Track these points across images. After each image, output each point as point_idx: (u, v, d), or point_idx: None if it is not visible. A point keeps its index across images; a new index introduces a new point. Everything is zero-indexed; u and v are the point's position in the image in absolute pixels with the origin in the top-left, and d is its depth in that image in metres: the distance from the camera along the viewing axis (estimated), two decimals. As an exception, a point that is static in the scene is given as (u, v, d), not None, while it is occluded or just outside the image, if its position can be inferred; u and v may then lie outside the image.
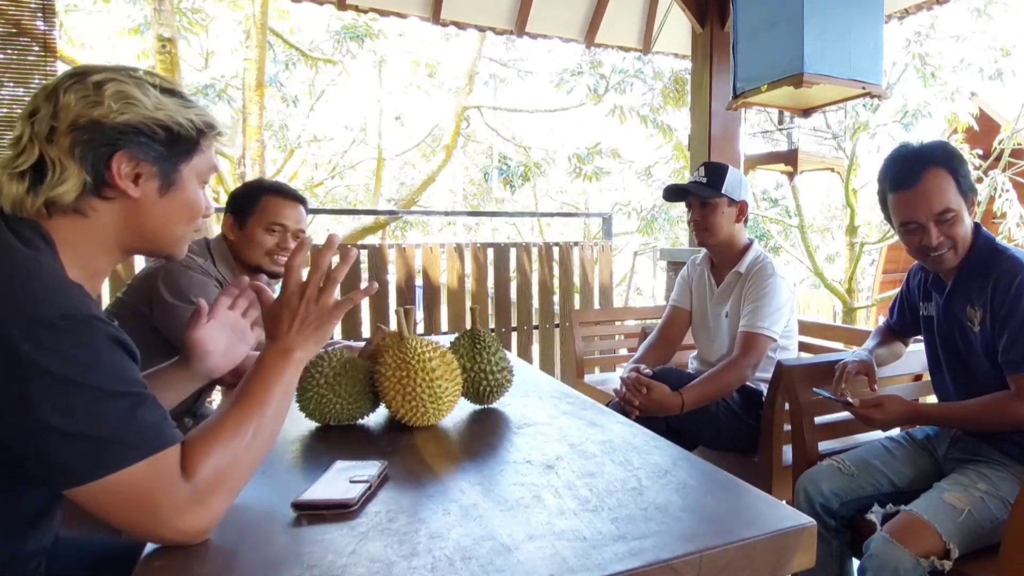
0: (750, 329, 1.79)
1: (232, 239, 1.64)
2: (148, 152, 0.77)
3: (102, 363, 0.67)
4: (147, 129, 0.76)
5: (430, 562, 0.67)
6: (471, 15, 3.62)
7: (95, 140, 0.74)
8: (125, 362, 0.70)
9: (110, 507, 0.67)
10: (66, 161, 0.73)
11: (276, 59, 8.38)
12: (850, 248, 8.00)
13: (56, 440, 0.64)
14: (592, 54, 8.45)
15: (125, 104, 0.75)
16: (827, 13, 2.18)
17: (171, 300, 1.46)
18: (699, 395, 1.74)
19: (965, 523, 1.20)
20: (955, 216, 1.32)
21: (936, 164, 1.32)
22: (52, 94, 0.74)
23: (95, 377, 0.66)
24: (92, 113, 0.73)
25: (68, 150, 0.73)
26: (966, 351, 1.39)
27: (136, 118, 0.75)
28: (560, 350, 3.85)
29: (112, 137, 0.74)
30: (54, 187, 0.72)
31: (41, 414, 0.63)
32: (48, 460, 0.65)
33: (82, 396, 0.65)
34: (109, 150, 0.74)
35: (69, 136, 0.73)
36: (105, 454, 0.65)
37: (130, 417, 0.67)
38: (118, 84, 0.75)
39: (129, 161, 0.76)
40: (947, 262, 1.37)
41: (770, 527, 0.74)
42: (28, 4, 2.45)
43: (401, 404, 1.08)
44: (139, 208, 0.78)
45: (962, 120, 6.90)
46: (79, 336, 0.66)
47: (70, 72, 0.76)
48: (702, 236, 1.93)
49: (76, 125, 0.73)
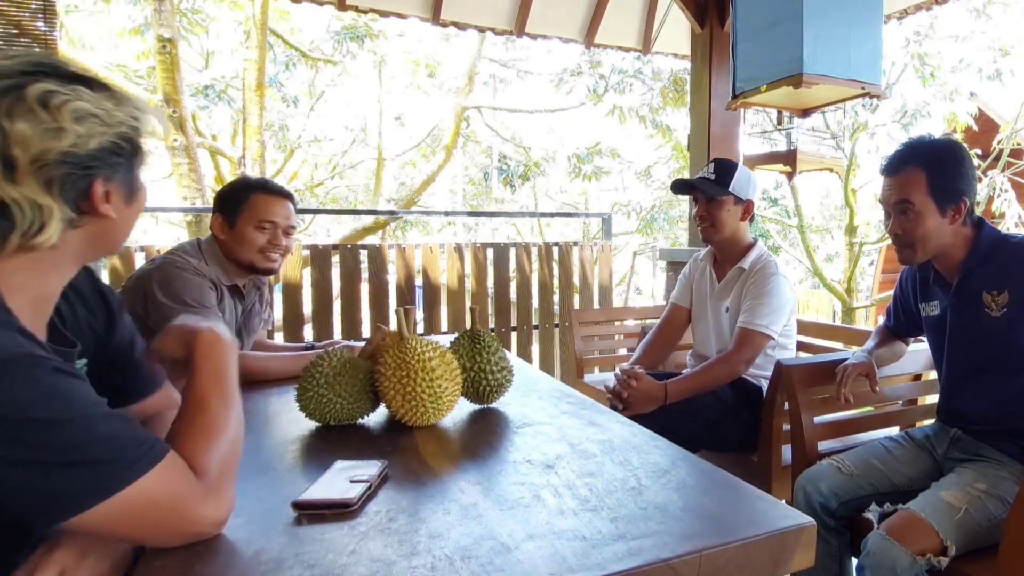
0: (747, 326, 1.80)
1: (223, 238, 1.64)
2: (118, 169, 0.73)
3: (59, 395, 0.63)
4: (113, 147, 0.71)
5: (430, 561, 0.67)
6: (471, 15, 3.62)
7: (73, 173, 0.67)
8: (80, 386, 0.66)
9: (133, 520, 0.66)
10: (42, 201, 0.65)
11: (276, 59, 8.38)
12: (849, 248, 8.00)
13: (49, 472, 0.61)
14: (592, 54, 8.45)
15: (89, 126, 0.68)
16: (826, 13, 2.18)
17: (166, 302, 1.46)
18: (686, 386, 1.75)
19: (963, 522, 1.20)
20: (914, 212, 1.36)
21: (917, 161, 1.37)
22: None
23: (61, 410, 0.62)
24: (60, 145, 0.65)
25: (42, 189, 0.65)
26: (984, 341, 1.38)
27: (104, 139, 0.69)
28: (560, 350, 3.85)
29: (86, 165, 0.68)
30: (34, 234, 0.65)
31: (19, 455, 0.60)
32: (37, 497, 0.61)
33: (58, 429, 0.62)
34: (87, 180, 0.69)
35: (38, 174, 0.64)
36: (108, 474, 0.64)
37: (116, 433, 0.66)
38: (68, 100, 0.66)
39: (104, 183, 0.71)
40: (907, 258, 1.43)
41: (769, 526, 0.74)
42: (29, 5, 2.45)
43: (401, 404, 1.08)
44: (109, 226, 0.74)
45: (961, 120, 6.91)
46: (25, 378, 0.61)
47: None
48: (706, 232, 1.94)
49: (43, 161, 0.64)
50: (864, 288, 9.22)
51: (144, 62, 7.42)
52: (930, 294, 1.52)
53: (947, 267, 1.44)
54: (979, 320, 1.37)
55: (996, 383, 1.38)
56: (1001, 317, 1.33)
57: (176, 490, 0.69)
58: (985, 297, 1.36)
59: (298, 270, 3.19)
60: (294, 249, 3.18)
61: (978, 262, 1.38)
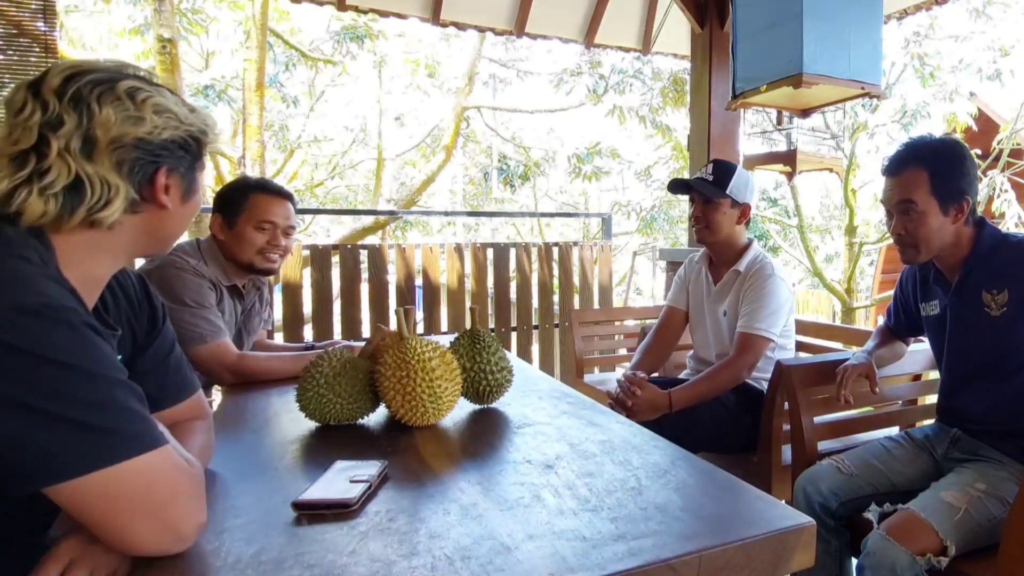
0: (747, 330, 1.79)
1: (222, 239, 1.64)
2: (181, 164, 0.79)
3: (90, 348, 0.64)
4: (182, 142, 0.78)
5: (430, 562, 0.67)
6: (471, 16, 3.62)
7: (142, 158, 0.73)
8: (109, 350, 0.68)
9: (119, 501, 0.63)
10: (112, 179, 0.71)
11: (276, 60, 8.38)
12: (849, 248, 8.01)
13: (50, 426, 0.60)
14: (591, 54, 8.45)
15: (165, 119, 0.75)
16: (826, 14, 2.18)
17: (165, 302, 1.45)
18: (691, 394, 1.75)
19: (963, 522, 1.20)
20: (916, 212, 1.36)
21: (919, 161, 1.37)
22: (76, 104, 0.69)
23: (87, 362, 0.63)
24: (137, 131, 0.72)
25: (113, 168, 0.71)
26: (984, 340, 1.38)
27: (175, 133, 0.76)
28: (560, 350, 3.85)
29: (156, 153, 0.75)
30: (99, 209, 0.70)
31: (29, 400, 0.60)
32: (40, 449, 0.60)
33: (79, 382, 0.62)
34: (154, 167, 0.75)
35: (113, 154, 0.71)
36: (109, 443, 0.63)
37: (129, 405, 0.66)
38: (152, 96, 0.74)
39: (168, 175, 0.77)
40: (910, 257, 1.42)
41: (769, 527, 0.74)
42: (29, 5, 2.45)
43: (401, 404, 1.08)
44: (163, 217, 0.78)
45: (961, 120, 6.91)
46: (65, 323, 0.63)
47: (89, 78, 0.71)
48: (701, 233, 1.93)
49: (120, 143, 0.71)
50: (864, 288, 9.23)
51: (144, 62, 7.42)
52: (930, 293, 1.52)
53: (948, 266, 1.44)
54: (979, 319, 1.37)
55: (996, 382, 1.38)
56: (1001, 316, 1.33)
57: (172, 479, 0.68)
58: (985, 296, 1.36)
59: (298, 270, 3.19)
60: (294, 249, 3.18)
61: (978, 261, 1.38)
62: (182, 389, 0.95)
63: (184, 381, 0.96)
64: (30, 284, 0.64)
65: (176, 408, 0.94)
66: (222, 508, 0.80)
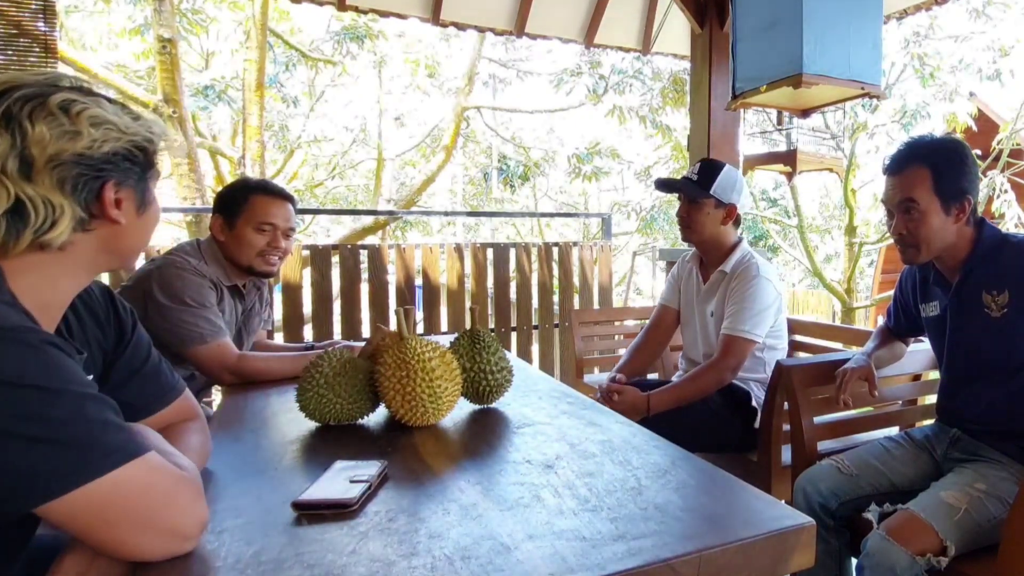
0: (731, 332, 1.79)
1: (222, 240, 1.64)
2: (129, 176, 0.76)
3: (53, 367, 0.63)
4: (127, 153, 0.75)
5: (430, 562, 0.67)
6: (471, 16, 3.62)
7: (85, 174, 0.70)
8: (74, 365, 0.67)
9: (109, 513, 0.63)
10: (55, 199, 0.68)
11: (276, 60, 8.37)
12: (849, 248, 8.01)
13: (28, 448, 0.59)
14: (591, 54, 8.45)
15: (104, 131, 0.71)
16: (826, 14, 2.18)
17: (165, 302, 1.46)
18: (671, 397, 1.75)
19: (963, 522, 1.20)
20: (918, 211, 1.36)
21: (921, 160, 1.36)
22: (8, 123, 0.66)
23: (52, 381, 0.62)
24: (75, 146, 0.69)
25: (55, 187, 0.68)
26: (984, 341, 1.38)
27: (118, 144, 0.73)
28: (560, 350, 3.86)
29: (99, 167, 0.71)
30: (45, 231, 0.68)
31: (3, 425, 0.59)
32: (21, 472, 0.60)
33: (47, 402, 0.61)
34: (99, 182, 0.72)
35: (53, 173, 0.68)
36: (88, 459, 0.62)
37: (103, 417, 0.65)
38: (87, 108, 0.71)
39: (115, 188, 0.74)
40: (911, 257, 1.42)
41: (769, 527, 0.74)
42: (29, 5, 2.45)
43: (401, 404, 1.08)
44: (119, 232, 0.76)
45: (961, 120, 6.91)
46: (24, 343, 0.62)
47: (17, 95, 0.68)
48: (684, 233, 1.94)
49: (58, 160, 0.68)
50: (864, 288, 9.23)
51: (144, 62, 7.43)
52: (930, 294, 1.52)
53: (948, 267, 1.44)
54: (979, 320, 1.37)
55: (996, 383, 1.37)
56: (1001, 317, 1.33)
57: (162, 484, 0.67)
58: (985, 297, 1.36)
59: (298, 270, 3.19)
60: (294, 249, 3.18)
61: (978, 262, 1.38)
62: (165, 393, 0.94)
63: (166, 385, 0.95)
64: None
65: (163, 412, 0.93)
66: (222, 508, 0.80)
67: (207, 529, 0.73)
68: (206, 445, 0.95)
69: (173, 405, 0.94)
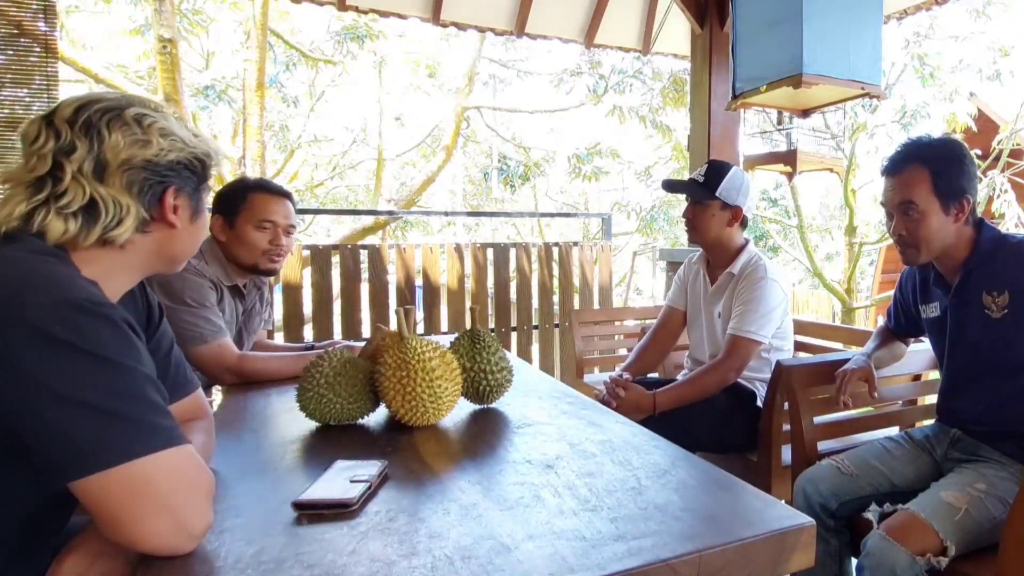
0: (737, 332, 1.79)
1: (223, 240, 1.64)
2: (188, 184, 0.84)
3: (127, 344, 0.69)
4: (188, 163, 0.83)
5: (430, 561, 0.67)
6: (471, 16, 3.62)
7: (150, 179, 0.78)
8: (143, 348, 0.73)
9: (139, 495, 0.65)
10: (123, 200, 0.76)
11: (276, 60, 8.38)
12: (849, 248, 8.01)
13: (86, 417, 0.63)
14: (591, 55, 8.46)
15: (171, 142, 0.80)
16: (826, 14, 2.18)
17: (166, 302, 1.46)
18: (676, 396, 1.75)
19: (963, 522, 1.20)
20: (918, 213, 1.36)
21: (920, 160, 1.36)
22: (88, 131, 0.74)
23: (125, 357, 0.67)
24: (145, 153, 0.77)
25: (124, 189, 0.76)
26: (984, 342, 1.38)
27: (181, 154, 0.81)
28: (560, 350, 3.86)
29: (163, 174, 0.80)
30: (112, 227, 0.75)
31: (69, 391, 0.63)
32: (76, 439, 0.63)
33: (117, 375, 0.66)
34: (162, 187, 0.80)
35: (123, 175, 0.76)
36: (139, 436, 0.66)
37: (156, 401, 0.69)
38: (157, 121, 0.79)
39: (176, 195, 0.82)
40: (911, 258, 1.42)
41: (769, 527, 0.74)
42: (29, 5, 2.46)
43: (401, 404, 1.08)
44: (173, 236, 0.83)
45: (961, 121, 6.91)
46: (106, 318, 0.68)
47: (98, 107, 0.76)
48: (691, 235, 1.94)
49: (130, 164, 0.76)
50: (864, 288, 9.23)
51: (145, 62, 7.43)
52: (930, 295, 1.52)
53: (948, 268, 1.44)
54: (979, 321, 1.37)
55: (996, 383, 1.37)
56: (1001, 318, 1.33)
57: (192, 476, 0.70)
58: (985, 298, 1.36)
59: (298, 270, 3.19)
60: (294, 249, 3.19)
61: (978, 263, 1.38)
62: (182, 387, 0.97)
63: (184, 379, 0.98)
64: (73, 282, 0.70)
65: (177, 405, 0.94)
66: (222, 508, 0.80)
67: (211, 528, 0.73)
68: (210, 445, 0.96)
69: (186, 400, 0.97)
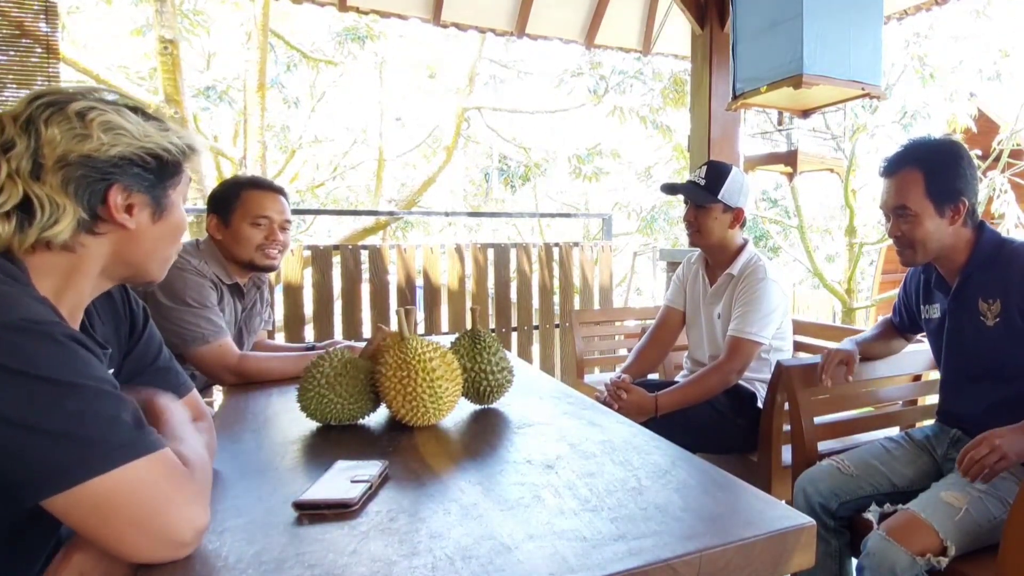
0: (737, 334, 1.79)
1: (219, 238, 1.65)
2: (140, 182, 0.76)
3: (73, 361, 0.65)
4: (138, 159, 0.76)
5: (430, 561, 0.67)
6: (471, 16, 3.62)
7: (89, 176, 0.72)
8: (95, 360, 0.68)
9: (109, 511, 0.63)
10: (59, 199, 0.70)
11: (277, 60, 8.39)
12: (849, 248, 8.00)
13: (39, 440, 0.61)
14: (592, 55, 8.45)
15: (114, 135, 0.73)
16: (826, 14, 2.19)
17: (167, 302, 1.46)
18: (677, 397, 1.75)
19: (963, 522, 1.20)
20: (912, 216, 1.36)
21: (914, 163, 1.37)
22: (28, 126, 0.70)
23: (71, 374, 0.64)
24: (82, 148, 0.71)
25: (60, 187, 0.71)
26: (980, 348, 1.38)
27: (127, 149, 0.74)
28: (560, 350, 3.86)
29: (105, 171, 0.73)
30: (47, 227, 0.70)
31: (15, 414, 0.61)
32: (31, 463, 0.61)
33: (64, 394, 0.63)
34: (104, 185, 0.73)
35: (59, 173, 0.70)
36: (97, 453, 0.63)
37: (116, 413, 0.66)
38: (101, 114, 0.73)
39: (123, 193, 0.75)
40: (908, 259, 1.43)
41: (769, 527, 0.75)
42: (31, 6, 2.46)
43: (402, 404, 1.08)
44: (131, 238, 0.77)
45: (961, 121, 6.91)
46: (47, 336, 0.64)
47: (41, 101, 0.72)
48: (693, 237, 1.94)
49: (66, 161, 0.70)
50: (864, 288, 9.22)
51: (146, 63, 7.43)
52: (931, 297, 1.52)
53: (948, 270, 1.44)
54: (975, 327, 1.38)
55: (992, 388, 1.38)
56: (995, 326, 1.34)
57: (162, 486, 0.67)
58: (981, 305, 1.36)
59: (299, 270, 3.19)
60: (294, 249, 3.19)
61: (977, 267, 1.38)
62: (175, 390, 0.95)
63: (175, 382, 0.96)
64: (10, 301, 0.66)
65: None
66: (223, 508, 0.80)
67: (208, 529, 0.72)
68: (212, 445, 0.95)
69: (183, 401, 0.95)
